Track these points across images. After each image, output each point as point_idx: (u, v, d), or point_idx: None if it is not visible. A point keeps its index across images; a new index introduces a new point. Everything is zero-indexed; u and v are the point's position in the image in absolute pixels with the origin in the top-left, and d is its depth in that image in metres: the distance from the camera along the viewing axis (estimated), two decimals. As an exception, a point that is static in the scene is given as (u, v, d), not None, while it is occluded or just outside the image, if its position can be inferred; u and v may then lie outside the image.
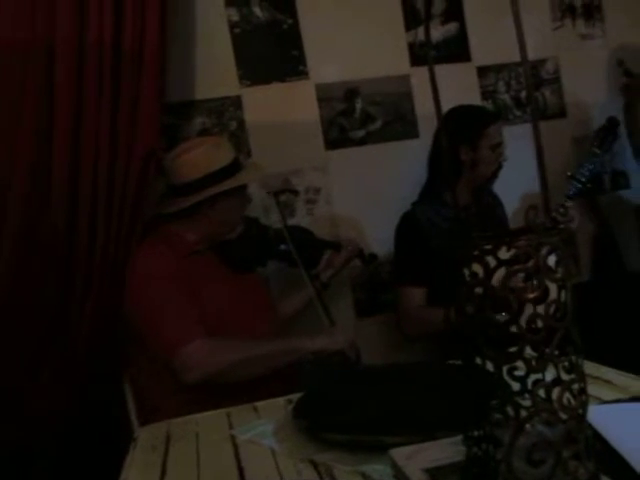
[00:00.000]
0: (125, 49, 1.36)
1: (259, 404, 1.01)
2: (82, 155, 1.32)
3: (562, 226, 1.69)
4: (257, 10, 1.81)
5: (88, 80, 1.32)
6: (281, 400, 1.00)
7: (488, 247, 0.53)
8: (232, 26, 1.80)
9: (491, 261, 0.54)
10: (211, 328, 1.28)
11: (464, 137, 1.66)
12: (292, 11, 1.83)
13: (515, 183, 1.81)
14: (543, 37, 2.06)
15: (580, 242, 2.05)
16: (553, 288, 0.53)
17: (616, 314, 1.81)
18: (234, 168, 1.40)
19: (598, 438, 0.66)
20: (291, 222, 1.78)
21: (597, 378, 0.91)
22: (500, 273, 0.54)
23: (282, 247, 1.55)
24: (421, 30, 1.94)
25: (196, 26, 1.77)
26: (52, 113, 1.29)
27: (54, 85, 1.28)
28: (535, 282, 0.49)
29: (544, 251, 0.49)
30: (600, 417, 0.70)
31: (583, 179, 1.77)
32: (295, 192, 1.84)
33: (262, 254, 1.55)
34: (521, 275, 0.52)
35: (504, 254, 0.54)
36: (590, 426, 0.68)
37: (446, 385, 0.77)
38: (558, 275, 0.50)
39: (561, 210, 1.71)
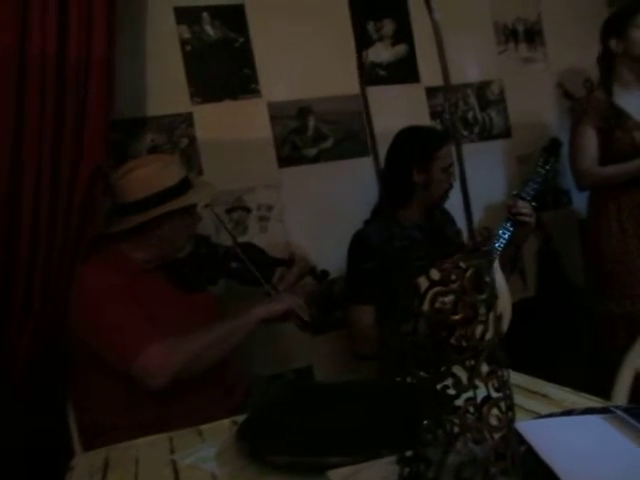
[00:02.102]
0: (70, 63, 1.32)
1: (204, 427, 0.99)
2: (23, 171, 1.28)
3: (526, 219, 1.73)
4: (208, 28, 1.81)
5: (30, 93, 1.28)
6: (226, 422, 0.98)
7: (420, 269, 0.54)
8: (183, 43, 1.79)
9: (424, 282, 0.56)
10: None
11: (416, 159, 1.69)
12: (244, 29, 1.84)
13: (461, 200, 1.85)
14: (488, 60, 2.15)
15: (526, 258, 2.12)
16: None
17: (559, 329, 1.87)
18: (183, 187, 1.39)
19: (531, 452, 0.68)
20: (243, 239, 1.77)
21: (535, 392, 0.94)
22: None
23: (233, 265, 1.54)
24: (372, 51, 1.99)
25: (147, 43, 1.76)
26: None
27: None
28: (461, 303, 0.51)
29: (468, 273, 0.51)
30: (532, 431, 0.72)
31: (528, 197, 1.83)
32: (247, 209, 1.83)
33: (212, 272, 1.53)
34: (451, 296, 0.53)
35: (436, 275, 0.55)
36: (523, 441, 0.71)
37: (390, 404, 0.78)
38: (482, 296, 0.51)
39: (484, 232, 1.75)
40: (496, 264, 1.72)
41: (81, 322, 1.27)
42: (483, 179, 2.10)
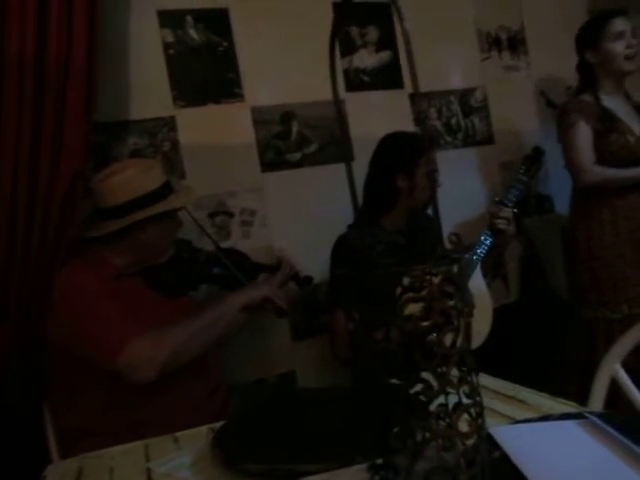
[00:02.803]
0: (49, 63, 1.31)
1: (180, 434, 0.97)
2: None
3: (499, 227, 1.74)
4: (192, 32, 1.81)
5: (7, 93, 1.26)
6: (204, 429, 0.97)
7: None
8: (166, 47, 1.79)
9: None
10: None
11: (401, 165, 1.70)
12: (228, 34, 1.84)
13: (444, 206, 1.86)
14: (472, 68, 2.17)
15: (509, 263, 2.13)
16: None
17: (539, 334, 1.88)
18: (165, 191, 1.38)
19: (504, 458, 0.68)
20: (226, 244, 1.77)
21: (512, 397, 0.94)
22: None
23: (215, 270, 1.53)
24: (355, 57, 1.99)
25: (130, 46, 1.75)
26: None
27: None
28: (430, 310, 0.51)
29: (437, 280, 0.51)
30: (507, 437, 0.72)
31: (510, 204, 1.84)
32: (230, 214, 1.83)
33: (193, 278, 1.52)
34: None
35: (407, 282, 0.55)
36: (497, 446, 0.71)
37: (365, 410, 0.77)
38: (451, 303, 0.51)
39: (453, 239, 1.74)
40: (478, 269, 1.73)
41: (62, 324, 1.25)
42: (466, 185, 2.12)
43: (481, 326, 1.74)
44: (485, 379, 1.02)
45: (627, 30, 1.86)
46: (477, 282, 1.75)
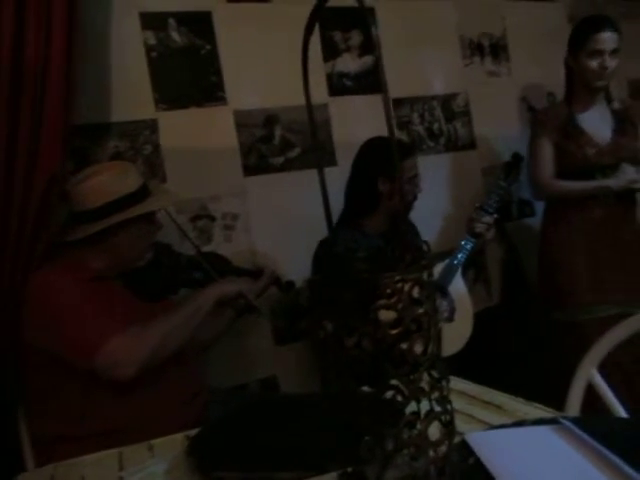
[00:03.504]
0: (26, 64, 1.29)
1: (155, 442, 0.96)
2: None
3: (478, 231, 1.76)
4: (174, 34, 1.80)
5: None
6: (179, 437, 0.96)
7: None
8: (149, 49, 1.77)
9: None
10: None
11: (382, 169, 1.70)
12: (210, 37, 1.83)
13: (426, 211, 1.87)
14: (454, 73, 2.18)
15: (490, 267, 2.14)
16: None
17: (520, 337, 1.90)
18: (142, 194, 1.37)
19: (478, 465, 0.68)
20: (208, 248, 1.76)
21: (489, 403, 0.94)
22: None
23: (195, 274, 1.52)
24: (339, 61, 2.00)
25: (111, 47, 1.73)
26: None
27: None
28: (400, 317, 0.50)
29: (406, 286, 0.50)
30: (481, 443, 0.72)
31: (491, 210, 1.86)
32: (212, 218, 1.82)
33: (173, 281, 1.51)
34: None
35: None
36: (472, 452, 0.71)
37: (343, 417, 0.77)
38: (421, 310, 0.51)
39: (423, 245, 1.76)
40: (459, 274, 1.74)
41: (39, 325, 1.24)
42: (448, 190, 2.13)
43: (462, 330, 1.75)
44: (462, 384, 1.02)
45: (606, 50, 1.86)
46: (458, 286, 1.76)
